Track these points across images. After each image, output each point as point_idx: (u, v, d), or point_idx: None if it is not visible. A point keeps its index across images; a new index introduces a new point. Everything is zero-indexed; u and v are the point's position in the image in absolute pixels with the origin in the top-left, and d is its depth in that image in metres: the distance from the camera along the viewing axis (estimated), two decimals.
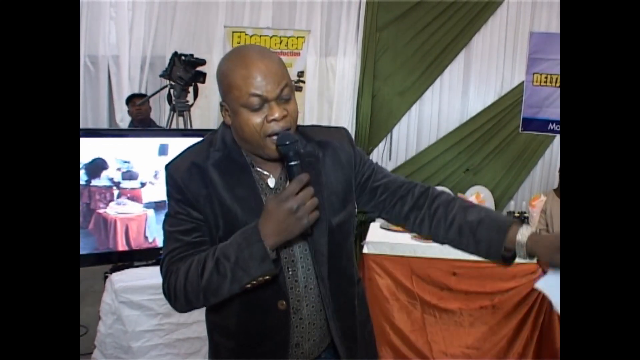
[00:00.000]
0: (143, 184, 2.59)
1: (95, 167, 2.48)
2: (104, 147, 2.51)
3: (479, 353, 2.98)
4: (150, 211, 2.62)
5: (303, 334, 1.29)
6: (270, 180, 1.27)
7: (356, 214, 1.41)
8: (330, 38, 4.92)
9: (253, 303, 1.24)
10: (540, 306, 2.87)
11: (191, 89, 3.60)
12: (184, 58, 3.45)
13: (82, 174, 2.45)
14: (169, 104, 3.65)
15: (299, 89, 4.84)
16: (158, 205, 2.61)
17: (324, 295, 1.28)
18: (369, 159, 1.39)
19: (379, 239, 3.07)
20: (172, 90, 3.58)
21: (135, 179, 2.58)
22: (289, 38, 4.80)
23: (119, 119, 4.76)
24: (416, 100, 4.96)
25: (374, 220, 3.60)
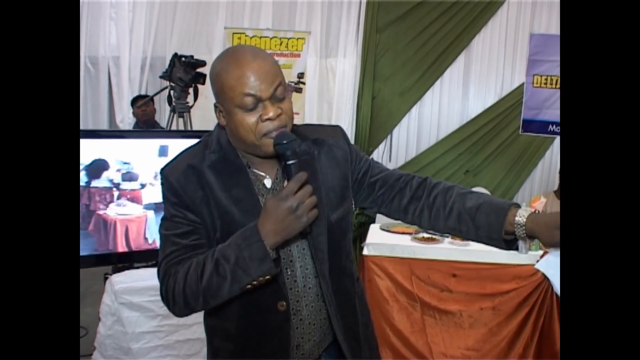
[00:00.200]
0: (143, 185, 2.59)
1: (96, 168, 2.48)
2: (104, 149, 2.51)
3: (479, 354, 2.97)
4: (150, 212, 2.62)
5: (303, 334, 1.29)
6: (266, 180, 1.26)
7: (354, 211, 1.40)
8: (331, 39, 4.93)
9: (252, 305, 1.23)
10: (541, 308, 2.86)
11: (191, 90, 3.60)
12: (184, 59, 3.45)
13: (82, 175, 2.45)
14: (169, 105, 3.65)
15: (299, 90, 4.84)
16: (158, 207, 2.60)
17: (326, 293, 1.27)
18: (365, 155, 1.38)
19: (378, 240, 3.07)
20: (172, 92, 3.58)
21: (135, 180, 2.58)
22: (289, 39, 4.80)
23: (119, 120, 4.76)
24: (416, 102, 4.97)
25: (374, 222, 3.60)
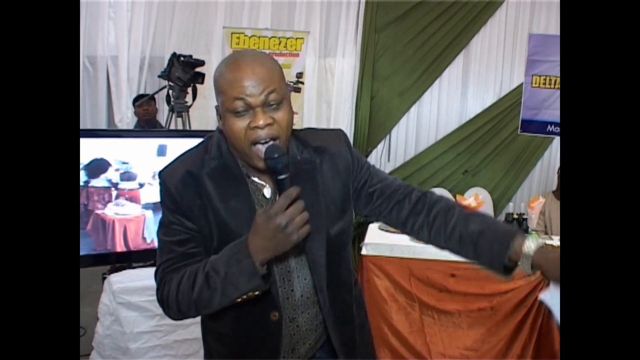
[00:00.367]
0: (141, 185, 2.58)
1: (95, 168, 2.47)
2: (103, 148, 2.50)
3: (477, 354, 2.97)
4: (148, 212, 2.61)
5: (299, 339, 1.29)
6: (266, 190, 1.25)
7: (354, 220, 1.39)
8: (329, 39, 4.92)
9: (247, 312, 1.23)
10: (539, 308, 2.87)
11: (190, 90, 3.60)
12: (182, 59, 3.44)
13: (81, 175, 2.44)
14: (168, 104, 3.65)
15: (298, 90, 4.84)
16: (156, 206, 2.60)
17: (323, 306, 1.27)
18: (366, 162, 1.36)
19: (377, 240, 3.07)
20: (171, 91, 3.57)
21: (134, 179, 2.57)
22: (287, 39, 4.79)
23: (117, 119, 4.75)
24: (415, 102, 4.96)
25: (372, 222, 3.60)
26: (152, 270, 1.27)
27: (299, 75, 4.84)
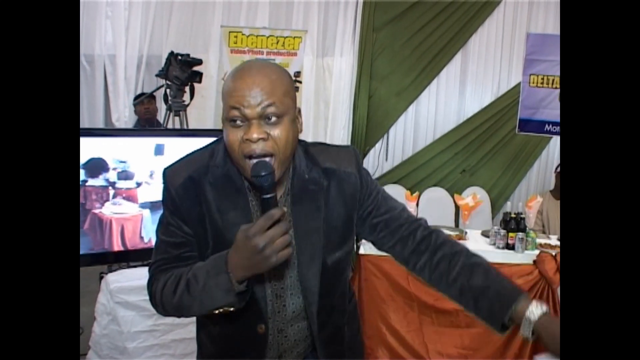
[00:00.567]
0: (139, 184, 2.58)
1: (93, 168, 2.46)
2: (100, 147, 2.50)
3: (475, 353, 2.98)
4: (146, 211, 2.61)
5: (287, 348, 1.30)
6: None
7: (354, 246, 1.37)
8: (327, 38, 4.92)
9: (236, 319, 1.22)
10: None
11: (187, 89, 3.59)
12: (180, 58, 3.44)
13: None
14: (165, 103, 3.64)
15: (295, 89, 4.83)
16: (154, 205, 2.59)
17: (313, 329, 1.26)
18: (375, 188, 1.30)
19: None
20: (169, 90, 3.56)
21: (131, 178, 2.56)
22: (285, 38, 4.79)
23: (115, 118, 4.73)
24: (413, 101, 4.97)
25: None
26: None
27: (297, 74, 4.83)
